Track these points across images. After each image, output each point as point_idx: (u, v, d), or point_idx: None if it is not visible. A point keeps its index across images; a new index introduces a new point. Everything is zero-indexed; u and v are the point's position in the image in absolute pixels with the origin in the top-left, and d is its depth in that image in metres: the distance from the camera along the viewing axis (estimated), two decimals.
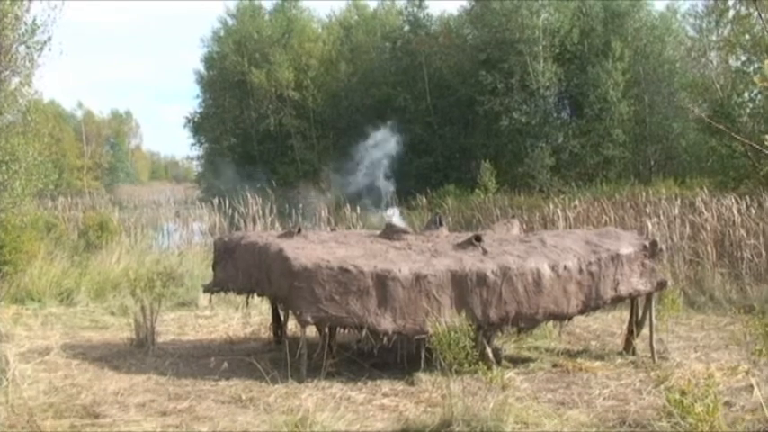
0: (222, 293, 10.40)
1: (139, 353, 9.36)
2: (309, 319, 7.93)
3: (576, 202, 20.08)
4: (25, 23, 13.20)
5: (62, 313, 12.23)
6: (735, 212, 14.39)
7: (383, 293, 7.95)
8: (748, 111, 22.68)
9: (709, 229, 14.19)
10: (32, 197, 14.11)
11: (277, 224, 19.66)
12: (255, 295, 9.62)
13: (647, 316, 9.07)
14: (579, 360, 8.92)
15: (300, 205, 23.46)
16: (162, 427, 6.65)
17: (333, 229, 13.02)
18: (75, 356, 9.16)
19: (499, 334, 9.07)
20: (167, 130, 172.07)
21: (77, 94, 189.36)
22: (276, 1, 49.04)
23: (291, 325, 9.02)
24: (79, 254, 15.70)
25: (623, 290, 8.76)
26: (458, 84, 38.86)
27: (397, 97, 39.88)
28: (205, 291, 10.15)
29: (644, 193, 21.57)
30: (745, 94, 23.31)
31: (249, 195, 21.27)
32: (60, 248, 15.61)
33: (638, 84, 35.57)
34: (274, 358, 8.74)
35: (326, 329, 8.47)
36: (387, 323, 7.95)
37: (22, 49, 13.22)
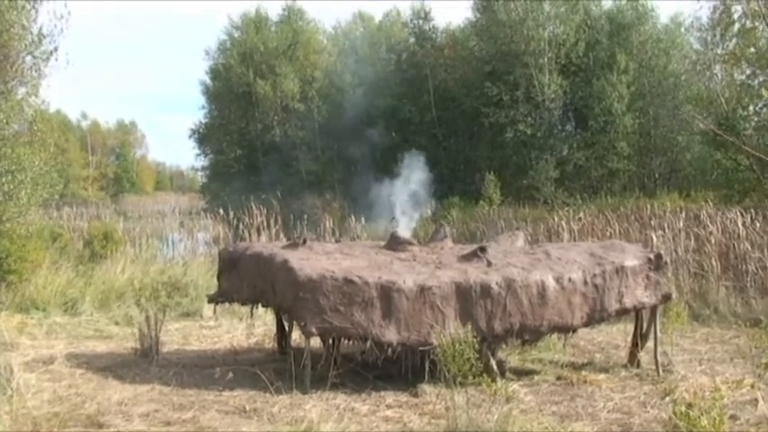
0: (227, 304, 10.40)
1: (144, 363, 9.36)
2: (314, 329, 7.93)
3: (581, 214, 20.11)
4: (31, 33, 13.27)
5: (66, 323, 12.24)
6: (739, 225, 14.37)
7: (388, 305, 7.95)
8: (753, 124, 22.66)
9: (713, 242, 14.18)
10: (38, 207, 14.15)
11: (282, 235, 19.69)
12: (260, 306, 9.61)
13: (652, 329, 9.05)
14: (584, 373, 8.89)
15: (305, 216, 23.49)
16: None
17: (337, 240, 13.00)
18: (79, 366, 9.16)
19: (503, 346, 9.06)
20: (172, 140, 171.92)
21: (81, 104, 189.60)
22: (282, 12, 49.20)
23: (296, 336, 9.01)
24: (84, 263, 15.73)
25: (628, 302, 8.75)
26: (463, 96, 38.89)
27: (402, 109, 39.95)
28: (209, 301, 10.14)
29: (649, 206, 21.55)
30: (750, 108, 23.30)
31: (254, 206, 21.32)
32: (65, 258, 15.63)
33: (642, 96, 35.57)
34: (278, 369, 8.73)
35: (331, 340, 8.48)
36: (391, 334, 7.95)
37: (28, 59, 13.29)
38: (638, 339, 9.31)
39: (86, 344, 10.81)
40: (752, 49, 22.68)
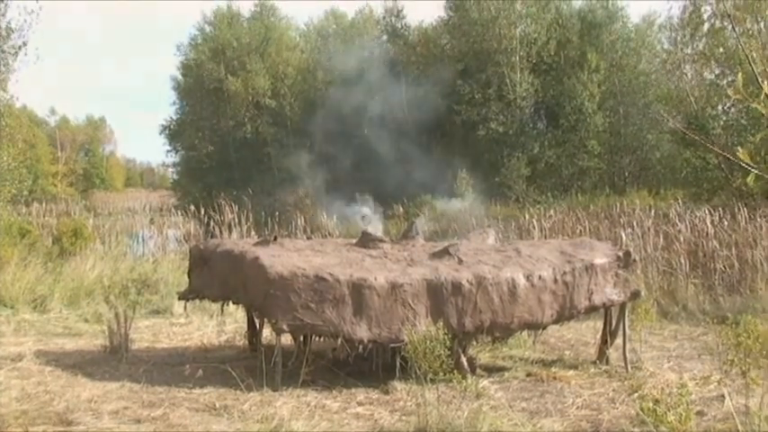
0: (197, 301, 10.34)
1: (113, 360, 9.30)
2: (285, 327, 7.91)
3: (552, 212, 20.24)
4: (0, 28, 13.15)
5: (35, 320, 12.12)
6: (708, 224, 14.51)
7: (359, 302, 7.95)
8: (722, 123, 22.89)
9: (682, 240, 14.31)
10: (6, 203, 14.02)
11: (253, 232, 19.61)
12: (231, 303, 9.58)
13: (621, 326, 9.13)
14: (553, 369, 8.95)
15: (277, 213, 23.42)
16: None
17: (309, 238, 12.98)
18: (48, 363, 9.08)
19: (474, 343, 9.10)
20: (142, 136, 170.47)
21: (50, 100, 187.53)
22: (254, 9, 49.00)
23: (267, 333, 8.99)
24: (53, 260, 15.56)
25: (597, 300, 8.82)
26: (435, 93, 38.94)
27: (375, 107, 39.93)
28: (180, 298, 10.09)
29: (618, 204, 21.71)
30: (719, 107, 23.55)
31: (225, 203, 21.22)
32: (34, 255, 15.46)
33: (613, 95, 35.89)
34: (249, 366, 8.70)
35: (302, 338, 8.47)
36: (362, 332, 7.95)
37: None
38: (607, 336, 9.38)
39: (55, 341, 10.72)
40: (721, 49, 22.91)
